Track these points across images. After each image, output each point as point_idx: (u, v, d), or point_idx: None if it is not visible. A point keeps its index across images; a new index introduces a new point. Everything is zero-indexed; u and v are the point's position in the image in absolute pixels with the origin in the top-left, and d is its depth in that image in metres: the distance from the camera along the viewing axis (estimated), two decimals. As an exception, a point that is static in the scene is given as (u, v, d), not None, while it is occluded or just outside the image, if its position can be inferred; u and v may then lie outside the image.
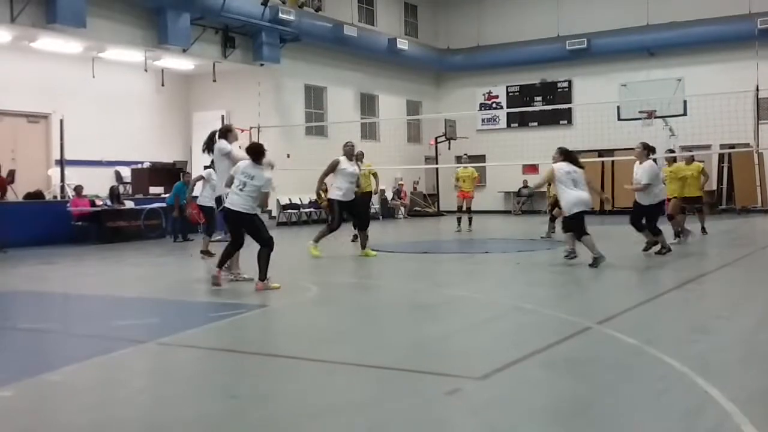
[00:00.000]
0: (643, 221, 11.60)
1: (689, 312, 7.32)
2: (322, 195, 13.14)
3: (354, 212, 12.66)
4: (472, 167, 18.88)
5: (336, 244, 14.34)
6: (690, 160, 16.22)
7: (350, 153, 12.43)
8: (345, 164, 12.26)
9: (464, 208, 18.35)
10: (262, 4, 20.88)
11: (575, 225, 10.33)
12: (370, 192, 16.10)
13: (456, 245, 15.54)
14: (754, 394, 4.37)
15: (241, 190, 8.47)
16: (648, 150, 11.43)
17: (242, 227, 8.73)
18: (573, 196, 10.19)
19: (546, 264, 11.26)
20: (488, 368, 4.86)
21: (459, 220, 18.35)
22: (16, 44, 17.98)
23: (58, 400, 4.55)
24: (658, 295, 8.12)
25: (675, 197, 13.86)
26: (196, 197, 13.11)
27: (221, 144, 9.42)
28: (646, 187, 11.12)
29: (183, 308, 8.01)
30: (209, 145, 9.63)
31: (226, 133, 9.58)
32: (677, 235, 13.56)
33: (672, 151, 15.68)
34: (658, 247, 11.53)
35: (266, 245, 8.66)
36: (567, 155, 10.49)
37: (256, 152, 8.71)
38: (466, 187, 18.19)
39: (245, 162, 8.72)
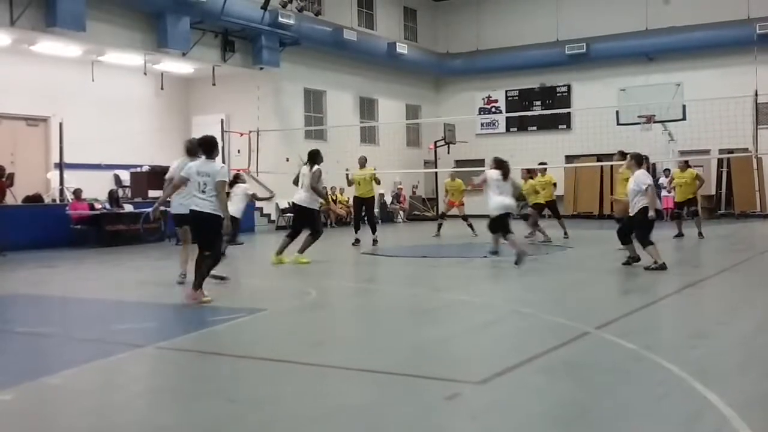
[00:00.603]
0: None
1: (688, 317, 7.32)
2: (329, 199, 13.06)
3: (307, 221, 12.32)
4: (460, 180, 18.83)
5: (334, 249, 14.34)
6: (684, 167, 16.34)
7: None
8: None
9: (452, 216, 18.62)
10: (262, 8, 20.91)
11: (500, 226, 11.33)
12: (373, 196, 16.20)
13: (455, 249, 15.54)
14: (753, 399, 4.38)
15: (203, 192, 7.94)
16: (637, 160, 11.01)
17: (206, 230, 8.06)
18: (497, 201, 11.28)
19: (545, 268, 11.27)
20: (487, 373, 4.86)
21: (439, 226, 18.45)
22: (15, 47, 17.98)
23: (57, 404, 4.55)
24: (657, 300, 8.12)
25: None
26: None
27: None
28: (649, 188, 10.54)
29: (182, 312, 8.00)
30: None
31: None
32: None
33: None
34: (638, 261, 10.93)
35: (216, 256, 8.17)
36: (500, 165, 11.56)
37: (209, 147, 8.15)
38: (454, 198, 18.40)
39: (196, 161, 8.20)
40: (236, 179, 11.65)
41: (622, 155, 12.95)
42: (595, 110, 23.89)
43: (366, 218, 15.89)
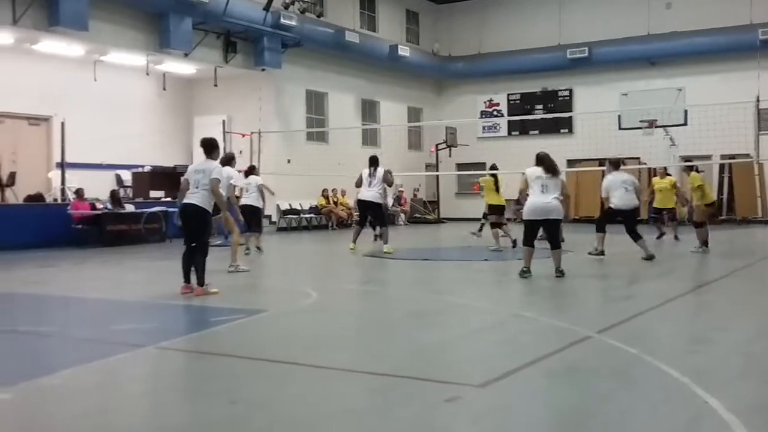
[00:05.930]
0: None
1: (689, 322, 7.32)
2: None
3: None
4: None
5: (336, 249, 14.32)
6: (663, 174, 17.01)
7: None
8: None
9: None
10: (264, 9, 20.92)
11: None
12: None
13: (456, 253, 15.54)
14: (754, 404, 4.37)
15: (196, 188, 8.60)
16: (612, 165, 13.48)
17: (195, 224, 8.65)
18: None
19: (546, 272, 11.25)
20: (488, 376, 4.86)
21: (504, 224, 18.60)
22: (18, 47, 18.01)
23: (56, 404, 4.54)
24: (658, 304, 8.11)
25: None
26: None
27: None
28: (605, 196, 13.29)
29: (183, 313, 8.01)
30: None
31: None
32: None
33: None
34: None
35: (205, 248, 8.68)
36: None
37: (209, 147, 8.99)
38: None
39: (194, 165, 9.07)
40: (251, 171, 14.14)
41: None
42: (597, 114, 23.90)
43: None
